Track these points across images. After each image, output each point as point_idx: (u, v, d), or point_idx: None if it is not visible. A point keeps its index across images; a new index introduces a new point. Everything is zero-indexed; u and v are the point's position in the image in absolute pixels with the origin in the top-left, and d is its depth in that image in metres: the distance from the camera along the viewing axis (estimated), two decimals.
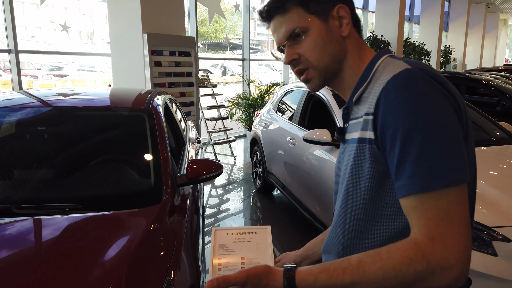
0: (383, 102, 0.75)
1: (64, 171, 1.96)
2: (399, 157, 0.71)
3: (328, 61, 0.87)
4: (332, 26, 0.86)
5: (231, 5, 8.97)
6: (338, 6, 0.86)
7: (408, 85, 0.73)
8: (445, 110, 0.73)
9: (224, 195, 4.99)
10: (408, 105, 0.71)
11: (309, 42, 0.86)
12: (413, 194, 0.70)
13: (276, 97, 4.78)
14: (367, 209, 0.82)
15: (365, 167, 0.80)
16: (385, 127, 0.74)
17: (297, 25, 0.85)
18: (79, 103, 2.42)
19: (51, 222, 1.55)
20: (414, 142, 0.70)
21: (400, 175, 0.72)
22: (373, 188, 0.80)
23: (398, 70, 0.76)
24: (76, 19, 22.82)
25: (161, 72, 5.22)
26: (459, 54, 18.42)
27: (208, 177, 2.08)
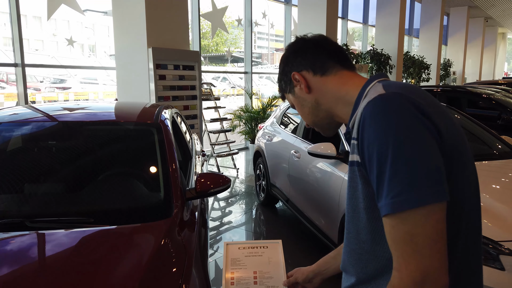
0: (361, 127, 0.80)
1: (76, 185, 1.98)
2: (376, 179, 0.76)
3: (312, 118, 1.03)
4: (297, 92, 1.03)
5: (233, 19, 9.10)
6: (292, 75, 1.01)
7: (378, 111, 0.78)
8: (415, 133, 0.75)
9: (226, 208, 4.99)
10: (378, 130, 0.76)
11: (298, 111, 1.07)
12: (386, 215, 0.75)
13: (280, 110, 4.82)
14: (368, 231, 0.85)
15: (358, 189, 0.85)
16: (364, 151, 0.79)
17: (290, 104, 1.09)
18: (88, 118, 2.46)
19: (63, 236, 1.57)
20: (385, 165, 0.74)
21: (379, 197, 0.76)
22: (368, 209, 0.83)
23: (373, 96, 0.81)
24: (78, 32, 23.06)
25: (165, 86, 5.28)
26: (459, 67, 18.58)
27: (216, 191, 2.10)
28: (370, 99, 0.80)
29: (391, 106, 0.77)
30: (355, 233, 0.89)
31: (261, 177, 4.93)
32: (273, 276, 1.28)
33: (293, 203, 3.93)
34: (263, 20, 9.93)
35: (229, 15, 13.05)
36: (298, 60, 1.01)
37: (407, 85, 0.86)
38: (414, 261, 0.72)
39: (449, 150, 0.79)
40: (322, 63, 0.98)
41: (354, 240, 0.90)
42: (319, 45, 1.01)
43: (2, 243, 1.53)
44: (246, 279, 1.27)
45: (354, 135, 0.83)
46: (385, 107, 0.77)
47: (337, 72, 0.98)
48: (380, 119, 0.76)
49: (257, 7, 9.04)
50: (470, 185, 0.86)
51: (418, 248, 0.72)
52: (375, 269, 0.87)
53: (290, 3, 9.63)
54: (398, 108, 0.77)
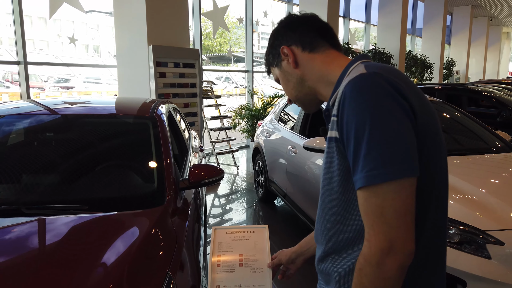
0: (341, 105, 0.83)
1: (72, 175, 2.03)
2: (353, 154, 0.80)
3: (295, 93, 1.06)
4: (284, 66, 1.05)
5: (235, 19, 9.15)
6: (281, 48, 1.03)
7: (358, 90, 0.81)
8: (391, 112, 0.79)
9: (227, 205, 5.03)
10: (357, 108, 0.80)
11: (282, 86, 1.10)
12: (360, 188, 0.79)
13: (278, 107, 4.86)
14: (341, 202, 0.90)
15: (334, 163, 0.89)
16: (343, 128, 0.83)
17: (274, 78, 1.12)
18: (86, 111, 2.51)
19: (58, 222, 1.62)
20: (361, 141, 0.78)
21: (354, 171, 0.81)
22: (343, 182, 0.88)
23: (354, 75, 0.84)
24: (83, 32, 23.24)
25: (166, 83, 5.33)
26: (462, 66, 18.51)
27: (209, 181, 2.14)
28: (351, 78, 0.84)
29: (370, 85, 0.81)
30: (329, 204, 0.93)
31: (260, 173, 4.98)
32: (258, 259, 1.31)
33: (290, 198, 3.97)
34: (265, 19, 9.97)
35: (232, 15, 13.11)
36: (288, 34, 1.03)
37: (387, 66, 0.90)
38: (383, 232, 0.77)
39: (422, 129, 0.83)
40: (311, 39, 1.01)
41: (328, 211, 0.94)
42: (309, 21, 1.03)
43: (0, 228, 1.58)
44: (232, 261, 1.31)
45: (335, 112, 0.86)
46: (364, 86, 0.81)
47: (325, 51, 1.01)
48: (358, 97, 0.80)
49: (258, 6, 9.08)
50: (441, 164, 0.90)
51: (387, 219, 0.77)
52: (346, 238, 0.91)
53: (291, 2, 9.67)
54: (376, 87, 0.81)
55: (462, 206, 2.15)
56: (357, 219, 0.88)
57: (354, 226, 0.89)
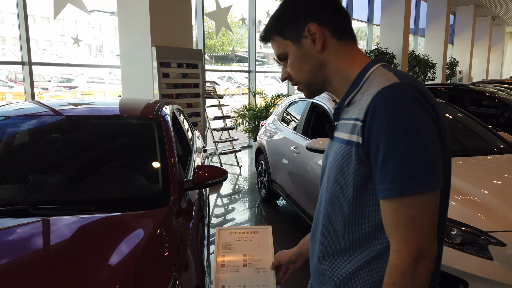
0: (372, 112, 0.82)
1: (78, 176, 2.06)
2: (382, 163, 0.80)
3: (308, 77, 0.98)
4: (305, 45, 0.95)
5: (238, 19, 9.17)
6: (308, 25, 0.93)
7: (395, 99, 0.80)
8: (426, 124, 0.80)
9: (229, 205, 5.06)
10: (393, 118, 0.79)
11: (290, 64, 0.99)
12: (390, 198, 0.80)
13: (281, 107, 4.88)
14: (352, 205, 0.90)
15: (350, 167, 0.88)
16: (372, 135, 0.82)
17: (278, 51, 1.00)
18: (91, 112, 2.54)
19: (64, 222, 1.65)
20: (395, 152, 0.78)
21: (382, 180, 0.81)
22: (358, 187, 0.88)
23: (388, 83, 0.82)
24: (86, 32, 23.30)
25: (169, 84, 5.36)
26: (465, 66, 18.47)
27: (213, 182, 2.17)
28: (385, 85, 0.82)
29: (405, 96, 0.81)
30: (339, 205, 0.93)
31: (263, 173, 5.00)
32: (261, 259, 1.33)
33: (293, 198, 3.99)
34: (267, 19, 9.98)
35: (234, 14, 13.12)
36: (315, 10, 0.93)
37: (411, 75, 0.91)
38: (415, 241, 0.79)
39: (443, 141, 0.86)
40: (342, 26, 0.94)
41: (336, 212, 0.94)
42: (337, 4, 0.95)
43: (6, 229, 1.60)
44: (236, 262, 1.33)
45: (359, 116, 0.85)
46: (399, 97, 0.80)
47: (349, 43, 0.96)
48: (393, 108, 0.79)
49: (261, 6, 9.10)
50: (448, 166, 0.93)
51: (419, 229, 0.79)
52: (351, 241, 0.92)
53: None
54: (411, 99, 0.81)
55: (464, 207, 2.17)
56: (366, 224, 0.89)
57: (362, 230, 0.90)
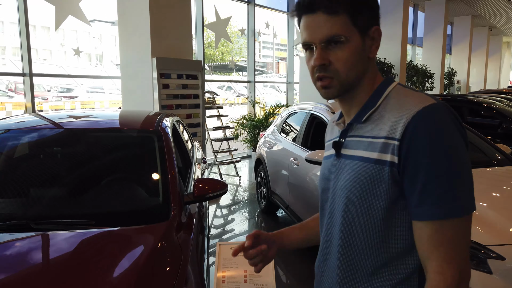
0: (412, 131, 0.80)
1: (79, 190, 2.07)
2: (424, 184, 0.79)
3: (353, 77, 0.88)
4: (366, 44, 0.88)
5: (237, 29, 9.25)
6: (375, 27, 0.88)
7: (438, 121, 0.80)
8: (464, 147, 0.81)
9: (229, 215, 5.05)
10: (437, 140, 0.79)
11: (345, 54, 0.85)
12: (431, 220, 0.79)
13: (280, 118, 4.90)
14: (380, 228, 0.86)
15: (381, 187, 0.84)
16: (411, 156, 0.80)
17: (341, 32, 0.84)
18: (91, 125, 2.55)
19: (65, 237, 1.65)
20: (440, 173, 0.78)
21: (423, 201, 0.79)
22: (388, 208, 0.84)
23: (427, 103, 0.82)
24: (86, 42, 23.44)
25: (169, 94, 5.39)
26: (463, 76, 18.59)
27: (213, 196, 2.18)
28: (424, 105, 0.81)
29: (446, 119, 0.81)
30: (362, 228, 0.88)
31: (262, 184, 5.00)
32: (262, 275, 1.33)
33: (292, 210, 3.99)
34: (267, 30, 10.08)
35: (233, 24, 13.23)
36: (378, 16, 0.90)
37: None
38: (457, 263, 0.79)
39: None
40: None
41: (359, 236, 0.89)
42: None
43: (8, 243, 1.61)
44: (237, 277, 1.33)
45: (393, 135, 0.82)
46: (441, 119, 0.80)
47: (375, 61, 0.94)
48: (438, 130, 0.79)
49: (260, 17, 9.19)
50: None
51: (460, 251, 0.79)
52: (375, 266, 0.88)
53: None
54: (451, 122, 0.81)
55: None
56: (394, 246, 0.86)
57: (389, 253, 0.87)
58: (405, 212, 0.84)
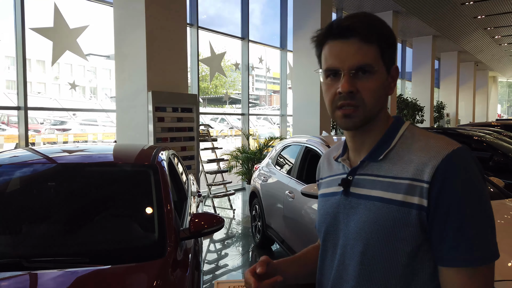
0: (444, 175, 0.78)
1: (73, 226, 2.03)
2: (457, 230, 0.77)
3: (376, 110, 0.87)
4: (385, 81, 0.87)
5: (231, 63, 9.45)
6: (395, 66, 0.89)
7: (468, 166, 0.79)
8: (487, 191, 0.81)
9: (222, 250, 4.95)
10: (469, 185, 0.78)
11: (373, 84, 0.84)
12: (464, 268, 0.77)
13: (275, 151, 4.92)
14: (404, 274, 0.82)
15: (407, 231, 0.81)
16: (444, 200, 0.78)
17: (373, 63, 0.83)
18: (86, 160, 2.54)
19: (58, 276, 1.60)
20: (474, 220, 0.77)
21: (457, 247, 0.77)
22: (413, 254, 0.81)
23: (455, 147, 0.81)
24: (81, 75, 23.71)
25: (164, 127, 5.41)
26: (452, 109, 19.03)
27: (209, 231, 2.14)
28: (453, 148, 0.80)
29: (473, 163, 0.80)
30: (384, 274, 0.84)
31: (257, 218, 4.94)
32: None
33: (288, 244, 3.93)
34: (260, 64, 10.31)
35: (227, 58, 13.53)
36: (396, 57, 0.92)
37: None
38: None
39: None
40: None
41: (382, 283, 0.84)
42: None
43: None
44: None
45: (421, 177, 0.80)
46: (471, 164, 0.80)
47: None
48: (468, 175, 0.78)
49: (254, 52, 9.43)
50: None
51: None
52: None
53: (285, 49, 10.04)
54: (476, 166, 0.81)
55: None
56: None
57: None
58: (428, 257, 0.82)
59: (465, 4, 11.57)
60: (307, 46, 8.64)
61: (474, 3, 11.53)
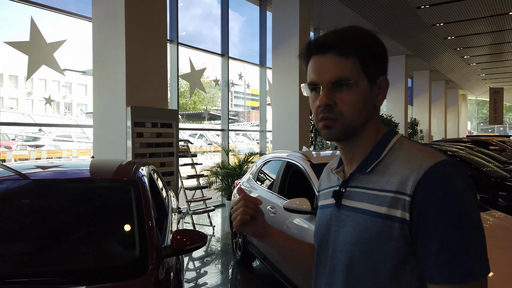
0: (425, 188, 0.76)
1: (50, 245, 1.94)
2: (440, 245, 0.74)
3: (357, 122, 0.86)
4: (373, 92, 0.87)
5: (210, 79, 9.48)
6: (383, 77, 0.88)
7: (450, 178, 0.76)
8: (476, 205, 0.77)
9: (202, 268, 4.84)
10: (452, 199, 0.75)
11: (352, 97, 0.84)
12: (453, 284, 0.73)
13: (255, 166, 4.91)
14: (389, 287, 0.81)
15: (390, 245, 0.79)
16: (427, 214, 0.75)
17: (350, 76, 0.84)
18: (64, 176, 2.45)
19: None
20: (461, 235, 0.73)
21: (440, 263, 0.74)
22: (396, 267, 0.79)
23: (439, 159, 0.79)
24: (55, 91, 23.21)
25: (143, 143, 5.33)
26: (425, 126, 19.63)
27: (192, 248, 2.09)
28: (437, 161, 0.78)
29: (458, 176, 0.77)
30: (370, 285, 0.82)
31: (238, 234, 4.88)
32: None
33: (270, 261, 3.88)
34: (239, 80, 10.38)
35: (207, 74, 13.56)
36: (387, 69, 0.90)
37: None
38: None
39: None
40: None
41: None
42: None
43: None
44: None
45: (404, 190, 0.78)
46: (454, 177, 0.77)
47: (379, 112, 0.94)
48: (451, 188, 0.76)
49: (233, 68, 9.49)
50: None
51: None
52: None
53: (264, 66, 10.16)
54: (462, 179, 0.78)
55: None
56: None
57: None
58: (415, 273, 0.79)
59: (436, 26, 12.09)
60: (286, 64, 8.79)
61: (444, 25, 12.07)
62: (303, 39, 8.83)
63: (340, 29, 0.88)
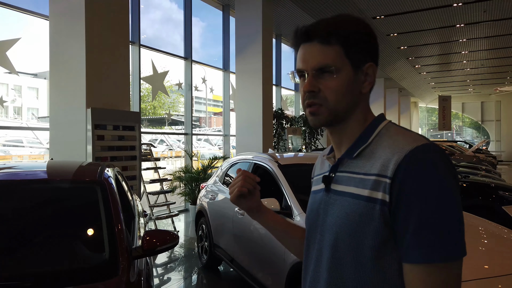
0: (405, 170, 0.78)
1: (11, 248, 1.82)
2: (417, 226, 0.76)
3: (342, 107, 0.89)
4: (358, 78, 0.89)
5: (173, 83, 9.34)
6: (369, 64, 0.89)
7: (431, 161, 0.78)
8: (456, 188, 0.79)
9: (165, 275, 4.73)
10: (432, 181, 0.77)
11: (335, 83, 0.87)
12: (423, 263, 0.76)
13: (221, 170, 4.89)
14: (370, 269, 0.83)
15: (371, 226, 0.82)
16: (404, 195, 0.78)
17: (332, 63, 0.86)
18: (27, 177, 2.32)
19: None
20: (435, 215, 0.75)
21: (416, 243, 0.76)
22: (377, 248, 0.82)
23: (420, 143, 0.81)
24: (3, 94, 21.85)
25: (104, 146, 5.14)
26: None
27: (163, 248, 2.05)
28: (417, 144, 0.80)
29: (438, 159, 0.79)
30: (354, 270, 0.85)
31: (204, 238, 4.82)
32: None
33: (238, 263, 3.87)
34: (202, 85, 10.31)
35: (168, 79, 13.35)
36: (376, 55, 0.92)
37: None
38: None
39: None
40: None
41: (349, 274, 0.86)
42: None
43: None
44: None
45: (385, 173, 0.81)
46: (436, 159, 0.79)
47: (368, 98, 0.96)
48: (432, 171, 0.77)
49: (197, 72, 9.41)
50: None
51: None
52: None
53: (228, 70, 10.17)
54: (443, 163, 0.79)
55: None
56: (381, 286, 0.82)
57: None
58: (396, 254, 0.81)
59: (390, 36, 12.69)
60: (249, 68, 8.85)
61: (398, 35, 12.69)
62: (267, 44, 8.95)
63: (328, 18, 0.90)
